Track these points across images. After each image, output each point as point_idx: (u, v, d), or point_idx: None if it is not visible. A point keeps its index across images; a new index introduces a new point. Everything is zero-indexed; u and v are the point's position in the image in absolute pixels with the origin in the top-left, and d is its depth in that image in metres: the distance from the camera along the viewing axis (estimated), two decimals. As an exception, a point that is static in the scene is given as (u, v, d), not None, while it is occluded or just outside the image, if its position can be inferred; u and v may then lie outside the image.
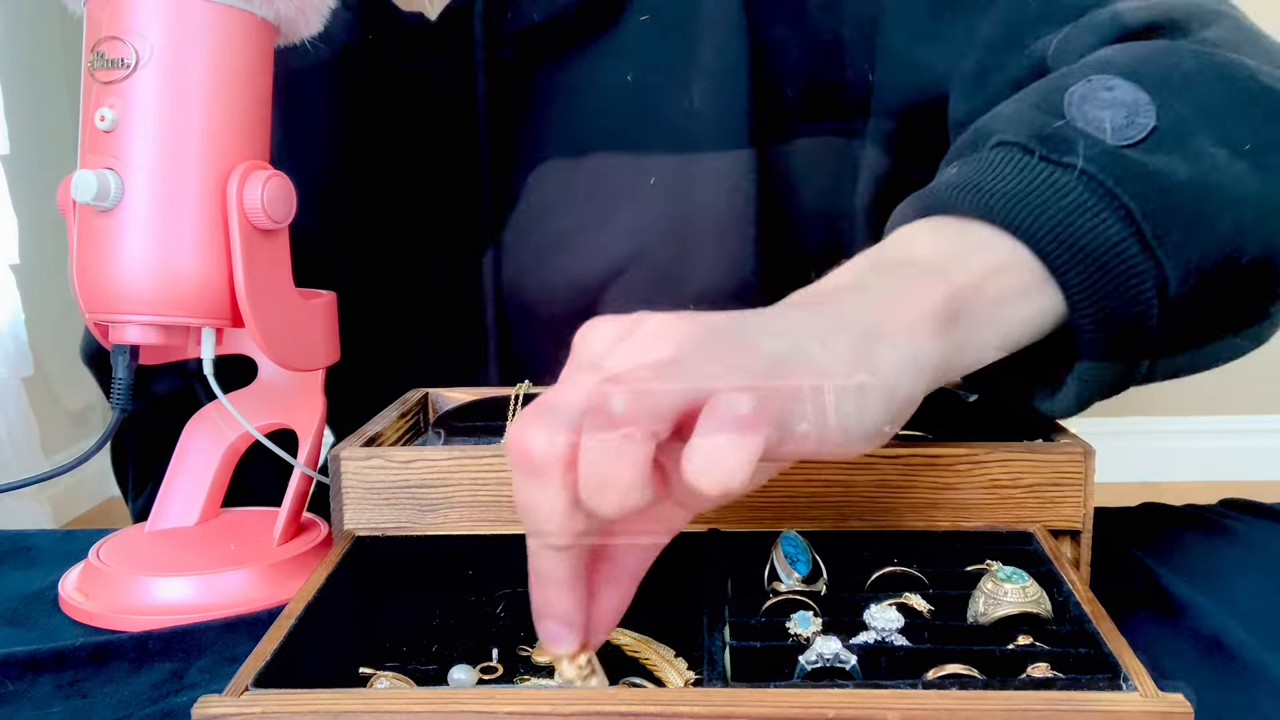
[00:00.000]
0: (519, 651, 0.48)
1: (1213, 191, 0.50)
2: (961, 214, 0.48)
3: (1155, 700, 0.37)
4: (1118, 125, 0.50)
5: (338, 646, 0.48)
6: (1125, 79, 0.52)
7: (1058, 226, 0.47)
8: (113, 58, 0.56)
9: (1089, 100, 0.51)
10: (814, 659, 0.42)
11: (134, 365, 0.60)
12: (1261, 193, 0.51)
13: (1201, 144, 0.51)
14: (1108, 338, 0.48)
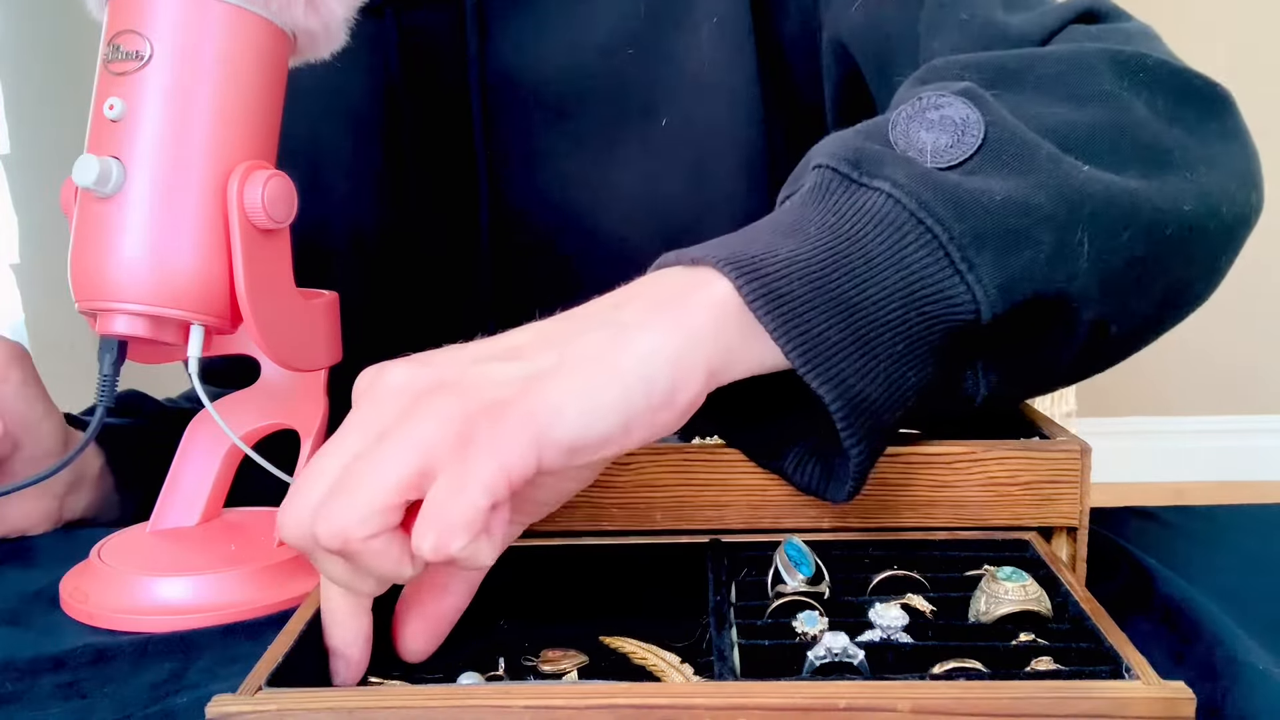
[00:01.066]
0: (524, 661, 0.48)
1: (1035, 211, 0.47)
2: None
3: (1158, 688, 0.38)
4: (940, 147, 0.48)
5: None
6: (962, 95, 0.50)
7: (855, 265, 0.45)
8: (128, 50, 0.56)
9: (914, 120, 0.50)
10: (823, 654, 0.42)
11: (120, 363, 0.60)
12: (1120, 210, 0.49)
13: (1038, 158, 0.49)
14: (913, 366, 0.46)
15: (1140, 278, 0.51)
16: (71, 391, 0.87)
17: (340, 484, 0.40)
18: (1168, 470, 2.77)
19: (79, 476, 0.74)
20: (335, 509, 0.40)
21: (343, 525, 0.39)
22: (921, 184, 0.47)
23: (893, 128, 0.50)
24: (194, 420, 0.68)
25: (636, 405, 0.42)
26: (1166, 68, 0.56)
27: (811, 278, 0.45)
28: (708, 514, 0.53)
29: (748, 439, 0.52)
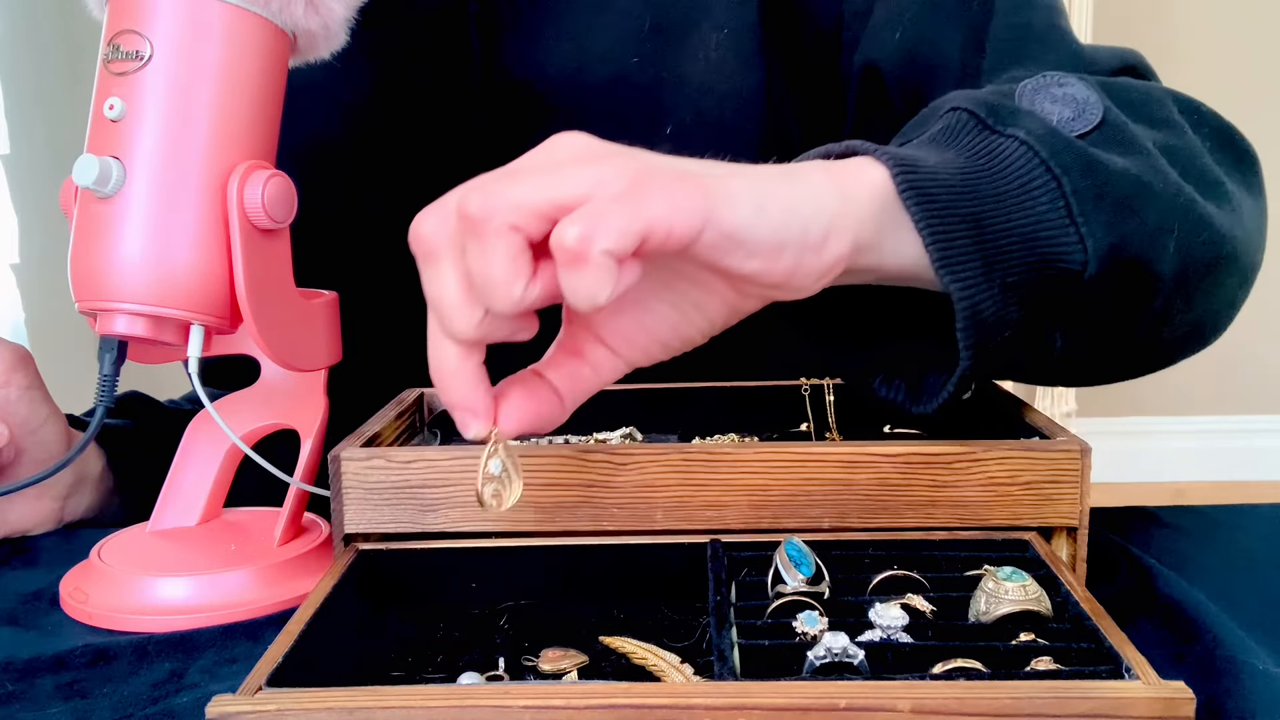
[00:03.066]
0: (524, 661, 0.48)
1: (1146, 189, 0.51)
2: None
3: (1158, 687, 0.38)
4: (1064, 118, 0.52)
5: (344, 657, 0.48)
6: (1082, 80, 0.54)
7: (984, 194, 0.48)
8: (128, 50, 0.56)
9: (1040, 93, 0.53)
10: (823, 654, 0.42)
11: (120, 363, 0.60)
12: (1198, 215, 0.53)
13: (1145, 148, 0.53)
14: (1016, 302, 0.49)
15: (1200, 283, 0.54)
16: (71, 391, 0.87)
17: (508, 176, 0.41)
18: (1168, 470, 2.77)
19: (80, 477, 0.75)
20: (496, 187, 0.40)
21: (496, 201, 0.40)
22: (1052, 138, 0.50)
23: (1020, 96, 0.53)
24: (194, 420, 0.68)
25: (794, 232, 0.43)
26: (1215, 116, 0.61)
27: (951, 190, 0.48)
28: (708, 514, 0.53)
29: (845, 360, 0.57)
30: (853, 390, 0.67)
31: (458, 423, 0.45)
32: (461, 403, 0.45)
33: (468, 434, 0.45)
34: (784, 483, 0.52)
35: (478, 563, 0.54)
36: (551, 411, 0.47)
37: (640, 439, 0.65)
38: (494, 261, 0.40)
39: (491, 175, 0.42)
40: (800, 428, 0.66)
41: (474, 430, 0.45)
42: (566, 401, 0.47)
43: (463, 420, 0.45)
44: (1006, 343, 0.50)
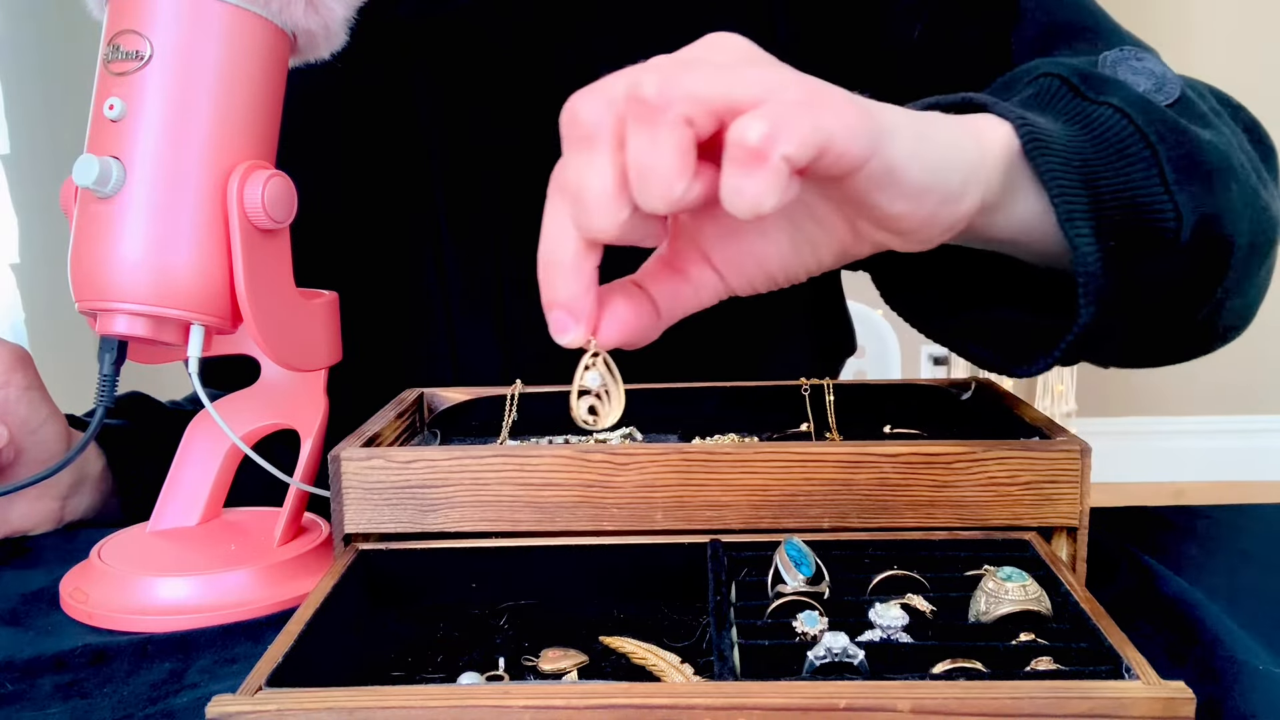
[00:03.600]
0: (524, 661, 0.48)
1: (1227, 161, 0.51)
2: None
3: (1158, 687, 0.38)
4: (1147, 90, 0.52)
5: (344, 657, 0.48)
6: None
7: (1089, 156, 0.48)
8: (128, 50, 0.56)
9: (1121, 65, 0.54)
10: (823, 654, 0.42)
11: (120, 363, 0.60)
12: (1262, 198, 0.54)
13: (1218, 126, 0.53)
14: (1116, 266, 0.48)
15: (1258, 266, 0.55)
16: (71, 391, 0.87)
17: (681, 65, 0.39)
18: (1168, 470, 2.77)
19: (80, 478, 0.75)
20: (672, 74, 0.37)
21: (674, 90, 0.37)
22: (1145, 107, 0.50)
23: (1102, 65, 0.54)
24: (194, 420, 0.68)
25: (940, 178, 0.43)
26: (1244, 109, 0.62)
27: (1065, 151, 0.48)
28: (708, 514, 0.53)
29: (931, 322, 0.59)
30: (852, 390, 0.67)
31: (553, 326, 0.42)
32: (568, 302, 0.41)
33: (564, 338, 0.42)
34: (784, 483, 0.52)
35: (478, 563, 0.54)
36: (649, 326, 0.45)
37: (640, 439, 0.65)
38: (662, 154, 0.37)
39: (661, 61, 0.39)
40: (800, 428, 0.66)
41: (571, 336, 0.42)
42: (663, 318, 0.45)
43: (561, 322, 0.42)
44: (1108, 308, 0.50)
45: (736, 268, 0.46)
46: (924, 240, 0.45)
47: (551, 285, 0.42)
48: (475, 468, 0.53)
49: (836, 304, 0.93)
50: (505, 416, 0.67)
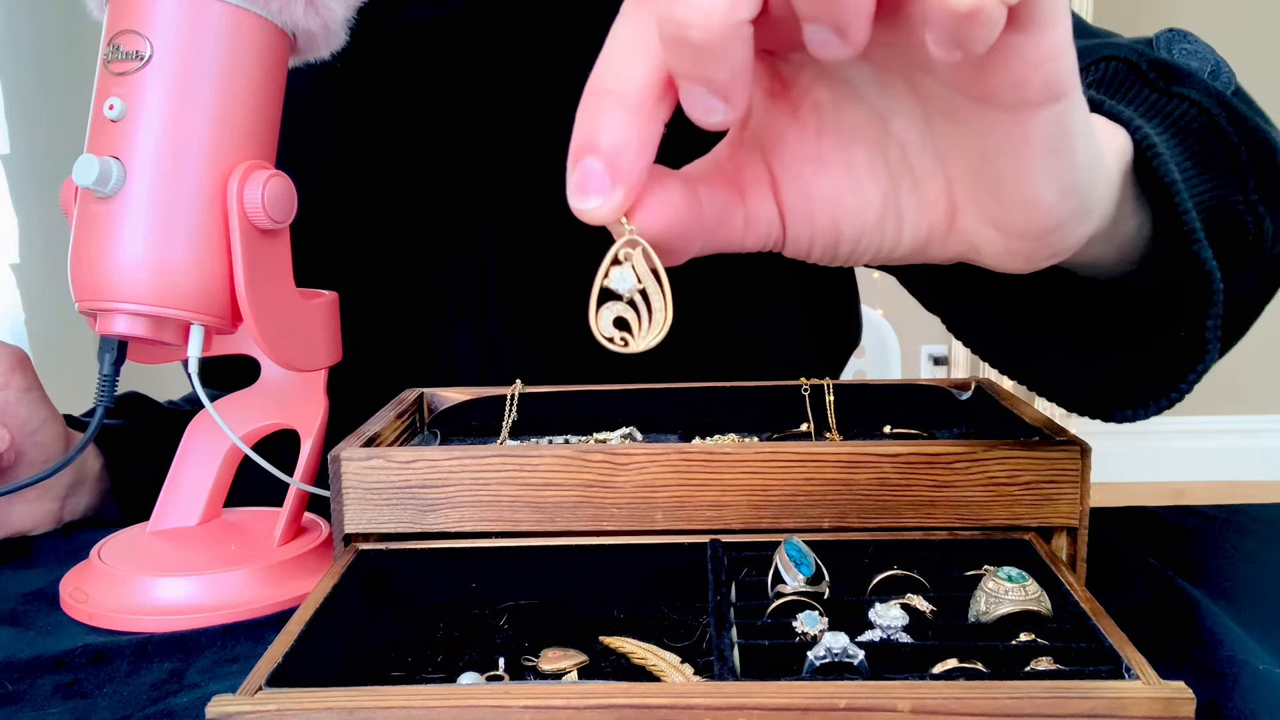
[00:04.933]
0: (524, 662, 0.48)
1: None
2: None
3: (1158, 687, 0.38)
4: (1204, 72, 0.48)
5: (344, 657, 0.48)
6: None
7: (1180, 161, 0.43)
8: (128, 50, 0.56)
9: (1174, 46, 0.49)
10: (823, 654, 0.42)
11: (120, 363, 0.60)
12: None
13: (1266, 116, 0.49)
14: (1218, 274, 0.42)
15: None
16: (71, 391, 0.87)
17: None
18: (1168, 470, 2.77)
19: (79, 477, 0.75)
20: None
21: None
22: (1222, 101, 0.45)
23: (1157, 47, 0.49)
24: (194, 420, 0.68)
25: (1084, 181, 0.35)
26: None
27: (1168, 158, 0.41)
28: (708, 514, 0.53)
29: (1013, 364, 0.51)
30: (852, 390, 0.67)
31: (577, 184, 0.31)
32: (612, 149, 0.31)
33: (588, 204, 0.31)
34: (784, 483, 0.52)
35: (478, 563, 0.54)
36: (696, 228, 0.34)
37: (640, 439, 0.65)
38: None
39: None
40: (800, 428, 0.66)
41: (600, 203, 0.31)
42: (707, 233, 0.35)
43: (591, 178, 0.31)
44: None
45: (805, 205, 0.36)
46: (1029, 256, 0.36)
47: (596, 120, 0.31)
48: (475, 468, 0.53)
49: (843, 296, 0.92)
50: (505, 416, 0.67)
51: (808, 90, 0.35)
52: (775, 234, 0.36)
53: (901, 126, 0.35)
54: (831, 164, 0.36)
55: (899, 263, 0.38)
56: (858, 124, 0.35)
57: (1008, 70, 0.30)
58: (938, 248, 0.37)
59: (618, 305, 0.32)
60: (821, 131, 0.35)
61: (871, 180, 0.36)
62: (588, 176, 0.31)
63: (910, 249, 0.37)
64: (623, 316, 0.33)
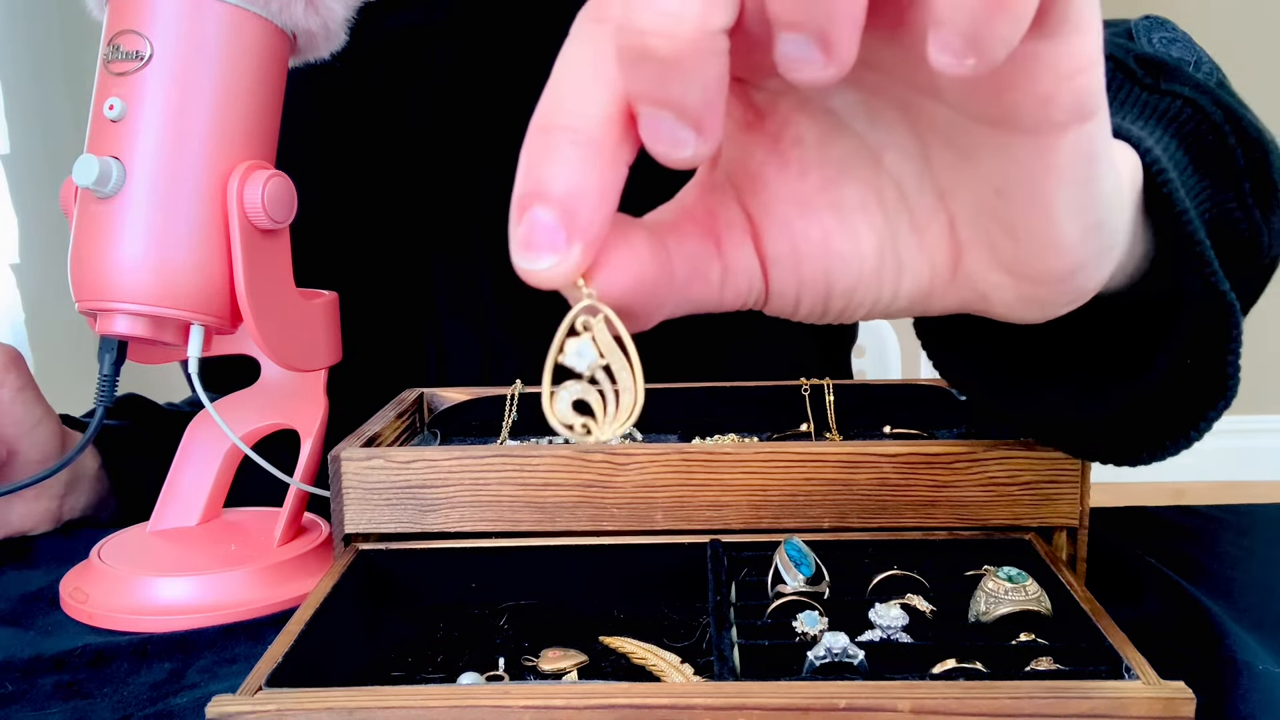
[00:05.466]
0: (524, 662, 0.48)
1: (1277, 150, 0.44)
2: None
3: (1158, 688, 0.38)
4: (1188, 63, 0.44)
5: (343, 657, 0.48)
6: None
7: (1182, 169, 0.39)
8: (128, 50, 0.56)
9: (1154, 33, 0.46)
10: (823, 654, 0.42)
11: (120, 363, 0.60)
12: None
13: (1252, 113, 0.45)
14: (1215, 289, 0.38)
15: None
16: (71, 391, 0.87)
17: None
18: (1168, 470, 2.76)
19: (76, 476, 0.75)
20: None
21: None
22: (1214, 98, 0.41)
23: (1135, 36, 0.46)
24: (194, 421, 0.68)
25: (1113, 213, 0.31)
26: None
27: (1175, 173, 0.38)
28: (708, 514, 0.53)
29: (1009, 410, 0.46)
30: (852, 390, 0.67)
31: (525, 237, 0.26)
32: (565, 195, 0.26)
33: (539, 263, 0.26)
34: (784, 483, 0.52)
35: (478, 563, 0.54)
36: (665, 282, 0.29)
37: (640, 439, 0.65)
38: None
39: None
40: (800, 428, 0.66)
41: (553, 262, 0.26)
42: (677, 292, 0.29)
43: (544, 231, 0.26)
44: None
45: (790, 254, 0.31)
46: (1046, 303, 0.32)
47: (545, 162, 0.26)
48: (475, 468, 0.53)
49: None
50: (505, 416, 0.67)
51: (787, 122, 0.31)
52: (757, 289, 0.31)
53: (895, 161, 0.31)
54: (818, 206, 0.31)
55: (896, 317, 0.34)
56: (846, 160, 0.31)
57: (1032, 85, 0.26)
58: (940, 298, 0.33)
59: (576, 385, 0.27)
60: (805, 169, 0.31)
61: (865, 223, 0.31)
62: (537, 231, 0.26)
63: (910, 300, 0.33)
64: (583, 400, 0.27)
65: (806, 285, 0.32)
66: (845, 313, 0.33)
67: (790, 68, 0.24)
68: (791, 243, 0.31)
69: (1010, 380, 0.46)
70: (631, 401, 0.28)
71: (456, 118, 0.78)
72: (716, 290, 0.31)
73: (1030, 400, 0.45)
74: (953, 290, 0.33)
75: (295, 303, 0.63)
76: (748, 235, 0.31)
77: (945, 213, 0.31)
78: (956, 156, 0.30)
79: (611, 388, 0.28)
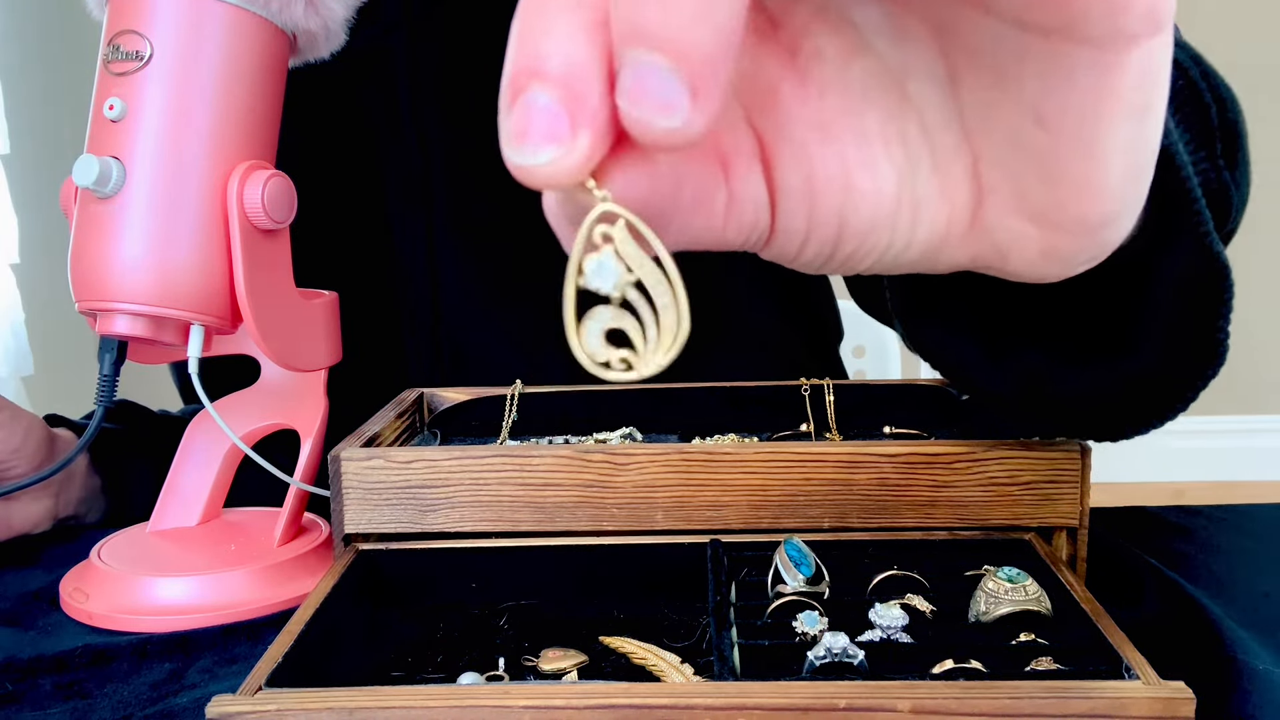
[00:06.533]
0: (524, 661, 0.48)
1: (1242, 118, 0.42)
2: None
3: (1158, 687, 0.38)
4: None
5: (344, 657, 0.48)
6: None
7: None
8: (128, 50, 0.56)
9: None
10: (823, 654, 0.42)
11: (120, 363, 0.60)
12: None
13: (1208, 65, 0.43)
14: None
15: None
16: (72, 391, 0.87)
17: None
18: (1168, 470, 2.77)
19: (68, 473, 0.75)
20: None
21: None
22: (1188, 53, 0.40)
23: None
24: (194, 421, 0.68)
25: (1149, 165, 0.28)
26: None
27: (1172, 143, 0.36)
28: (708, 514, 0.53)
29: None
30: (852, 390, 0.67)
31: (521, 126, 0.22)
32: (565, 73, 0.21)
33: (540, 154, 0.21)
34: (784, 483, 0.52)
35: (478, 563, 0.54)
36: (673, 200, 0.25)
37: (640, 439, 0.65)
38: None
39: None
40: (800, 428, 0.66)
41: (550, 157, 0.21)
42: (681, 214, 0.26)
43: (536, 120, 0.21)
44: None
45: (804, 185, 0.27)
46: (1070, 258, 0.29)
47: (544, 30, 0.22)
48: (475, 468, 0.53)
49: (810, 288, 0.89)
50: (505, 416, 0.67)
51: (805, 31, 0.27)
52: (763, 224, 0.27)
53: (920, 88, 0.27)
54: (840, 132, 0.27)
55: (903, 271, 0.30)
56: (868, 83, 0.27)
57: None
58: (952, 250, 0.29)
59: (606, 311, 0.23)
60: (825, 88, 0.27)
61: (887, 157, 0.27)
62: (533, 116, 0.21)
63: (921, 251, 0.29)
64: (616, 329, 0.23)
65: (817, 223, 0.28)
66: (851, 260, 0.29)
67: None
68: (806, 172, 0.27)
69: (988, 342, 0.43)
70: (674, 320, 0.23)
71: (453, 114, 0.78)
72: (719, 221, 0.26)
73: (1006, 365, 0.43)
74: (968, 241, 0.29)
75: (295, 303, 0.63)
76: (757, 161, 0.27)
77: (969, 152, 0.28)
78: (993, 79, 0.26)
79: (648, 307, 0.23)
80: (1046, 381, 0.43)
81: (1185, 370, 0.39)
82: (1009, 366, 0.43)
